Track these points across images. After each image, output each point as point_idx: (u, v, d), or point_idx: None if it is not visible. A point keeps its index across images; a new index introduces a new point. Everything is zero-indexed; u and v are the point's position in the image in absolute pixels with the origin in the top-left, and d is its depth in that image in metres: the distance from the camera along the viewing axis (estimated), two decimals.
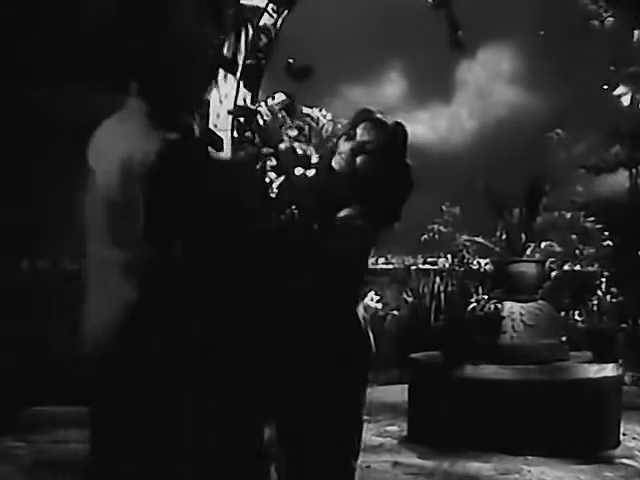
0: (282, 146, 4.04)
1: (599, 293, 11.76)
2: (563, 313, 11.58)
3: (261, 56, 9.30)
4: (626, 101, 6.48)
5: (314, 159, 3.99)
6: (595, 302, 11.65)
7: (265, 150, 4.03)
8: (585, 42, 13.36)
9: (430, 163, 14.95)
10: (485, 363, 7.97)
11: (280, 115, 4.13)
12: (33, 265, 9.61)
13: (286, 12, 9.48)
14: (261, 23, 9.23)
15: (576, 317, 11.43)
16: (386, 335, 11.31)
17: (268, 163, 3.98)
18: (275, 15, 9.33)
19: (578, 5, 12.82)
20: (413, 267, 12.57)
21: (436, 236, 11.96)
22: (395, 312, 11.95)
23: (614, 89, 6.75)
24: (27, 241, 9.28)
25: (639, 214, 12.74)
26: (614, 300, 11.39)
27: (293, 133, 4.08)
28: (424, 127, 15.82)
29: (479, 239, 9.23)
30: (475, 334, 8.05)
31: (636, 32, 6.17)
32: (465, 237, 9.90)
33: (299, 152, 4.00)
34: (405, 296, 12.13)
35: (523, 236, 8.47)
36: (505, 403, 7.76)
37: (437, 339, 8.40)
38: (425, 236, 12.23)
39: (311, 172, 3.95)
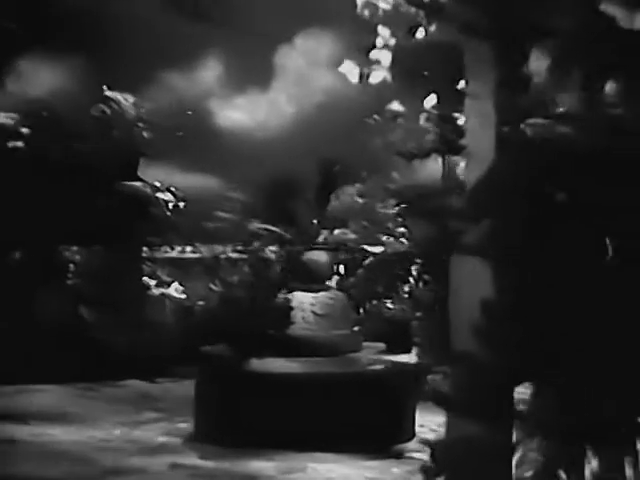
0: None
1: (411, 281, 11.65)
2: (375, 302, 11.42)
3: None
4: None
5: None
6: (407, 290, 11.54)
7: None
8: None
9: (246, 150, 14.62)
10: (272, 356, 7.66)
11: None
12: None
13: None
14: None
15: (388, 305, 11.29)
16: (191, 327, 10.95)
17: None
18: None
19: None
20: (222, 256, 12.15)
21: (222, 224, 11.50)
22: (201, 303, 11.57)
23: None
24: None
25: (450, 199, 12.66)
26: (426, 288, 11.28)
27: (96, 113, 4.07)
28: (241, 113, 15.57)
29: (270, 227, 8.91)
30: (263, 326, 7.76)
31: None
32: (257, 225, 9.56)
33: None
34: (212, 286, 11.72)
35: (316, 223, 8.22)
36: (292, 397, 7.48)
37: (225, 331, 8.09)
38: (210, 224, 11.75)
39: None
